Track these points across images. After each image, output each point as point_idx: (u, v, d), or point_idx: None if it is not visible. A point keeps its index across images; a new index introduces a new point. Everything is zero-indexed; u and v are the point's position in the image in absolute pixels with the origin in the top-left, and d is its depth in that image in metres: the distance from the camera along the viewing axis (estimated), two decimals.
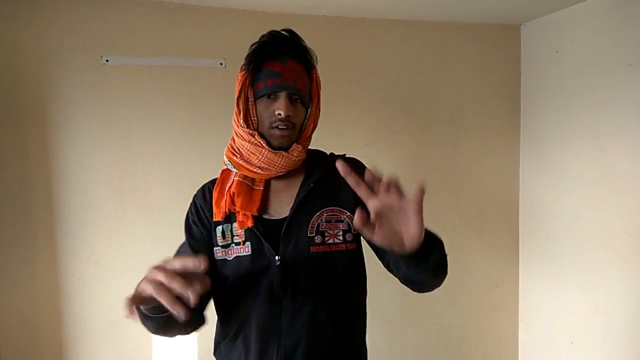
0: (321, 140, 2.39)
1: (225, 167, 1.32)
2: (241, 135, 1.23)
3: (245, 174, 1.26)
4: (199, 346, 2.35)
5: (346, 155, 1.34)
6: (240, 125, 1.23)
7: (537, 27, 2.60)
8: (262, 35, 1.24)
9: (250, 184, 1.27)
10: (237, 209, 1.22)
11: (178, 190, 2.30)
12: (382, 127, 2.56)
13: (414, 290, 1.19)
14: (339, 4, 2.27)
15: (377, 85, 2.53)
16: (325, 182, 1.26)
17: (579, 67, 2.35)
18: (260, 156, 1.21)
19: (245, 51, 2.50)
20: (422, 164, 2.63)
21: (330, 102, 2.42)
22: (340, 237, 1.22)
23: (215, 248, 1.26)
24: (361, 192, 0.90)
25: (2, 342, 2.13)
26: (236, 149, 1.27)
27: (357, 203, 1.09)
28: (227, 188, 1.27)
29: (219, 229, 1.26)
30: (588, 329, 2.36)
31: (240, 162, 1.25)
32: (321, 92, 1.32)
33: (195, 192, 1.37)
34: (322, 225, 1.22)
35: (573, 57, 2.38)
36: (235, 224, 1.23)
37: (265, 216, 1.25)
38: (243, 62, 1.24)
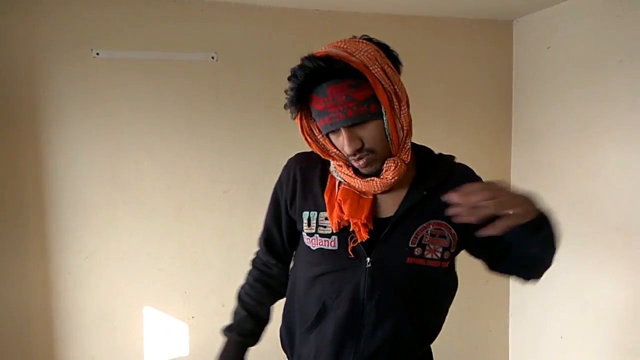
0: None
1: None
2: (334, 165, 1.17)
3: (352, 188, 1.16)
4: (190, 340, 2.35)
5: (456, 160, 1.28)
6: (331, 156, 1.15)
7: (530, 22, 2.61)
8: (294, 71, 1.08)
9: (358, 192, 1.15)
10: (346, 217, 1.11)
11: (169, 184, 2.29)
12: None
13: (524, 277, 1.21)
14: None
15: None
16: (440, 190, 1.10)
17: (570, 63, 2.36)
18: (356, 184, 1.13)
19: (236, 45, 2.49)
20: None
21: None
22: (439, 254, 1.14)
23: (303, 233, 1.21)
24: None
25: None
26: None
27: (466, 224, 1.03)
28: (336, 196, 1.16)
29: (305, 214, 1.19)
30: (578, 323, 2.38)
31: (345, 178, 1.16)
32: (395, 81, 1.12)
33: (284, 166, 1.29)
34: (426, 237, 1.13)
35: (565, 53, 2.39)
36: (322, 213, 1.16)
37: None
38: (288, 104, 1.12)
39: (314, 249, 1.17)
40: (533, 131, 2.62)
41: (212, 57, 2.30)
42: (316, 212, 1.17)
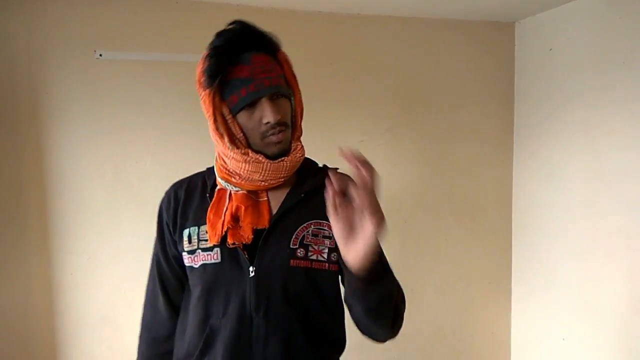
0: (316, 137, 2.37)
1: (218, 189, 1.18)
2: (233, 158, 1.09)
3: (251, 189, 1.12)
4: None
5: (339, 170, 1.19)
6: (229, 148, 1.08)
7: (531, 24, 2.61)
8: (212, 41, 1.09)
9: (254, 196, 1.13)
10: (245, 224, 1.08)
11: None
12: (377, 123, 2.56)
13: (361, 331, 1.08)
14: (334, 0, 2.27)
15: (372, 81, 2.53)
16: (318, 194, 1.09)
17: (572, 65, 2.36)
18: (263, 171, 1.08)
19: None
20: (415, 160, 2.64)
21: (324, 99, 2.43)
22: (325, 255, 1.09)
23: (183, 254, 1.14)
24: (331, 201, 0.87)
25: None
26: (232, 172, 1.12)
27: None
28: (225, 207, 1.12)
29: (186, 232, 1.14)
30: (580, 325, 2.38)
31: (241, 181, 1.11)
32: (296, 73, 1.17)
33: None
34: (308, 237, 1.09)
35: (567, 55, 2.39)
36: (203, 227, 1.11)
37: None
38: (197, 78, 1.10)
39: (196, 266, 1.10)
40: (535, 133, 2.62)
41: None
42: (197, 227, 1.12)
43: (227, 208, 1.11)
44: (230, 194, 1.13)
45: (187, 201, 1.18)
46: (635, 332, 2.12)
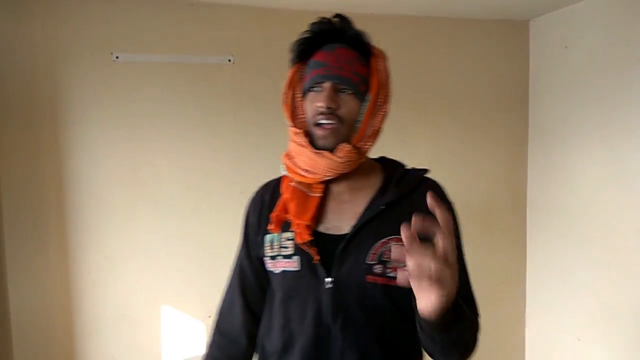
0: None
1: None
2: (290, 137, 1.11)
3: (294, 177, 1.11)
4: (207, 337, 2.37)
5: (428, 175, 1.19)
6: (289, 125, 1.12)
7: (546, 22, 2.59)
8: (311, 23, 1.13)
9: (306, 190, 1.11)
10: (291, 217, 1.08)
11: (187, 185, 2.32)
12: (391, 122, 2.54)
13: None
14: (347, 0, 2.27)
15: None
16: (402, 204, 1.07)
17: (588, 64, 2.34)
18: (304, 157, 1.07)
19: (253, 48, 2.51)
20: (430, 159, 2.63)
21: None
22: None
23: (264, 259, 1.14)
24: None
25: (14, 335, 2.17)
26: (289, 152, 1.13)
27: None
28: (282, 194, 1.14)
29: (268, 237, 1.13)
30: (595, 326, 2.36)
31: (289, 164, 1.12)
32: (389, 85, 1.14)
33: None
34: (387, 253, 1.03)
35: (582, 53, 2.37)
36: (285, 234, 1.10)
37: (321, 229, 1.08)
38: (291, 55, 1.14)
39: (277, 272, 1.10)
40: (550, 132, 2.59)
41: (229, 60, 2.32)
42: (278, 234, 1.11)
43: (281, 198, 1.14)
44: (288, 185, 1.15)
45: (271, 205, 1.16)
46: None
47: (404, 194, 1.09)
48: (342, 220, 1.09)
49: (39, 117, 2.15)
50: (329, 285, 1.03)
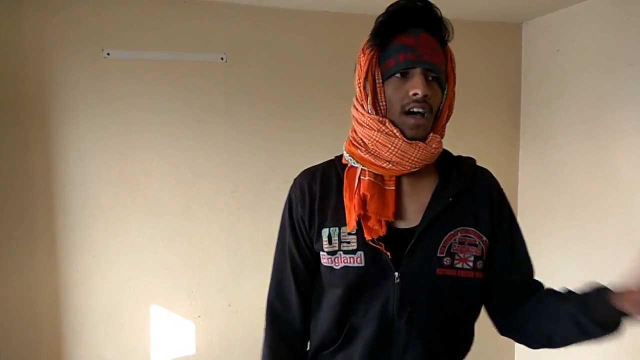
0: (325, 134, 2.39)
1: (347, 164, 1.11)
2: (368, 124, 1.03)
3: (371, 169, 1.05)
4: (196, 339, 2.36)
5: (477, 163, 1.20)
6: (368, 112, 1.03)
7: (539, 25, 2.60)
8: (390, 5, 1.05)
9: (381, 183, 1.06)
10: (370, 214, 1.03)
11: (178, 183, 2.30)
12: None
13: (534, 346, 1.14)
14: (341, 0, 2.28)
15: None
16: (465, 196, 1.08)
17: (579, 66, 2.35)
18: (393, 147, 1.00)
19: (246, 46, 2.50)
20: None
21: (332, 97, 2.43)
22: (471, 263, 1.05)
23: (321, 253, 1.10)
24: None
25: (0, 334, 2.14)
26: (359, 141, 1.06)
27: (494, 227, 1.06)
28: (355, 190, 1.06)
29: (325, 232, 1.08)
30: None
31: (366, 155, 1.04)
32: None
33: (291, 186, 1.18)
34: (455, 246, 1.04)
35: (574, 56, 2.38)
36: (344, 228, 1.06)
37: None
38: (367, 38, 1.06)
39: (337, 268, 1.06)
40: (541, 133, 2.61)
41: (222, 58, 2.31)
42: (337, 228, 1.07)
43: (355, 192, 1.06)
44: (359, 178, 1.07)
45: (323, 197, 1.11)
46: (638, 334, 2.12)
47: (468, 184, 1.09)
48: (408, 212, 1.07)
49: (27, 113, 2.12)
50: (397, 280, 1.03)
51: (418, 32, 1.02)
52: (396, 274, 1.03)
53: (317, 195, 1.11)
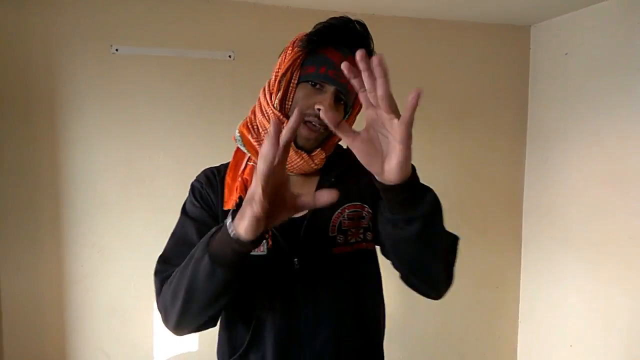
0: None
1: (237, 147, 1.16)
2: (267, 115, 1.07)
3: (254, 157, 1.10)
4: (199, 335, 2.37)
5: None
6: (273, 106, 1.05)
7: (547, 28, 2.59)
8: (333, 18, 1.08)
9: None
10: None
11: (183, 180, 2.28)
12: None
13: (410, 277, 1.00)
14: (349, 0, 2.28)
15: None
16: (346, 175, 1.12)
17: (587, 70, 2.34)
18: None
19: (253, 45, 2.50)
20: (428, 162, 2.63)
21: None
22: (362, 236, 1.09)
23: None
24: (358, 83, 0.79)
25: (5, 327, 2.15)
26: (254, 127, 1.10)
27: (374, 196, 1.01)
28: (239, 172, 1.11)
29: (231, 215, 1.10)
30: (588, 332, 2.36)
31: (254, 142, 1.09)
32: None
33: (193, 181, 1.20)
34: (345, 223, 1.08)
35: (582, 60, 2.37)
36: None
37: None
38: (297, 37, 1.08)
39: None
40: (548, 136, 2.60)
41: (229, 56, 2.32)
42: None
43: (240, 175, 1.09)
44: (246, 163, 1.11)
45: (221, 187, 1.13)
46: None
47: (348, 166, 1.08)
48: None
49: (35, 108, 2.13)
50: (297, 266, 1.04)
51: (347, 53, 1.04)
52: (295, 260, 1.04)
53: (218, 186, 1.13)
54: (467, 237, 2.69)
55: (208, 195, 1.13)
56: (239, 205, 0.98)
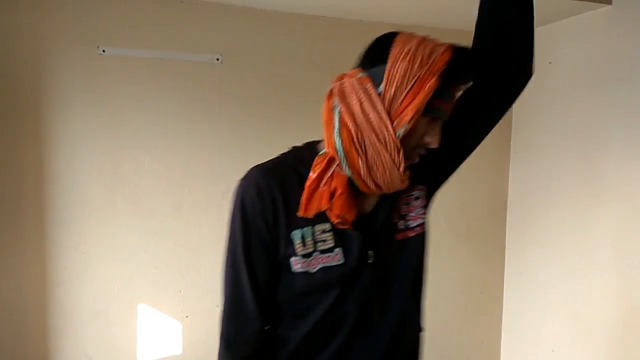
0: (317, 139, 2.35)
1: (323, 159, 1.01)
2: (384, 141, 0.93)
3: (356, 179, 0.98)
4: (183, 339, 2.36)
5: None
6: (395, 134, 0.92)
7: None
8: (460, 48, 0.99)
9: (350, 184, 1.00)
10: (336, 212, 0.97)
11: (169, 183, 2.30)
12: None
13: (496, 30, 1.15)
14: (338, 5, 2.29)
15: None
16: None
17: (571, 79, 2.38)
18: (390, 176, 0.96)
19: (242, 48, 2.50)
20: None
21: None
22: (422, 217, 1.11)
23: (292, 259, 1.01)
24: None
25: None
26: (362, 146, 0.95)
27: (424, 172, 1.08)
28: (326, 179, 0.99)
29: (297, 233, 1.00)
30: (570, 337, 2.39)
31: (359, 165, 0.95)
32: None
33: (242, 185, 1.07)
34: (403, 208, 1.08)
35: (565, 69, 2.41)
36: (318, 226, 1.00)
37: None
38: (437, 60, 0.92)
39: (314, 270, 1.00)
40: (532, 145, 2.64)
41: (217, 59, 2.32)
42: (311, 227, 1.00)
43: (327, 182, 0.98)
44: (333, 171, 0.99)
45: (285, 196, 1.01)
46: (625, 345, 2.14)
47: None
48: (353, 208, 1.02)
49: (20, 109, 2.11)
50: (371, 260, 1.04)
51: (462, 87, 1.03)
52: (370, 252, 1.04)
53: (278, 195, 1.00)
54: (452, 243, 2.73)
55: (275, 208, 1.02)
56: (317, 214, 0.98)
